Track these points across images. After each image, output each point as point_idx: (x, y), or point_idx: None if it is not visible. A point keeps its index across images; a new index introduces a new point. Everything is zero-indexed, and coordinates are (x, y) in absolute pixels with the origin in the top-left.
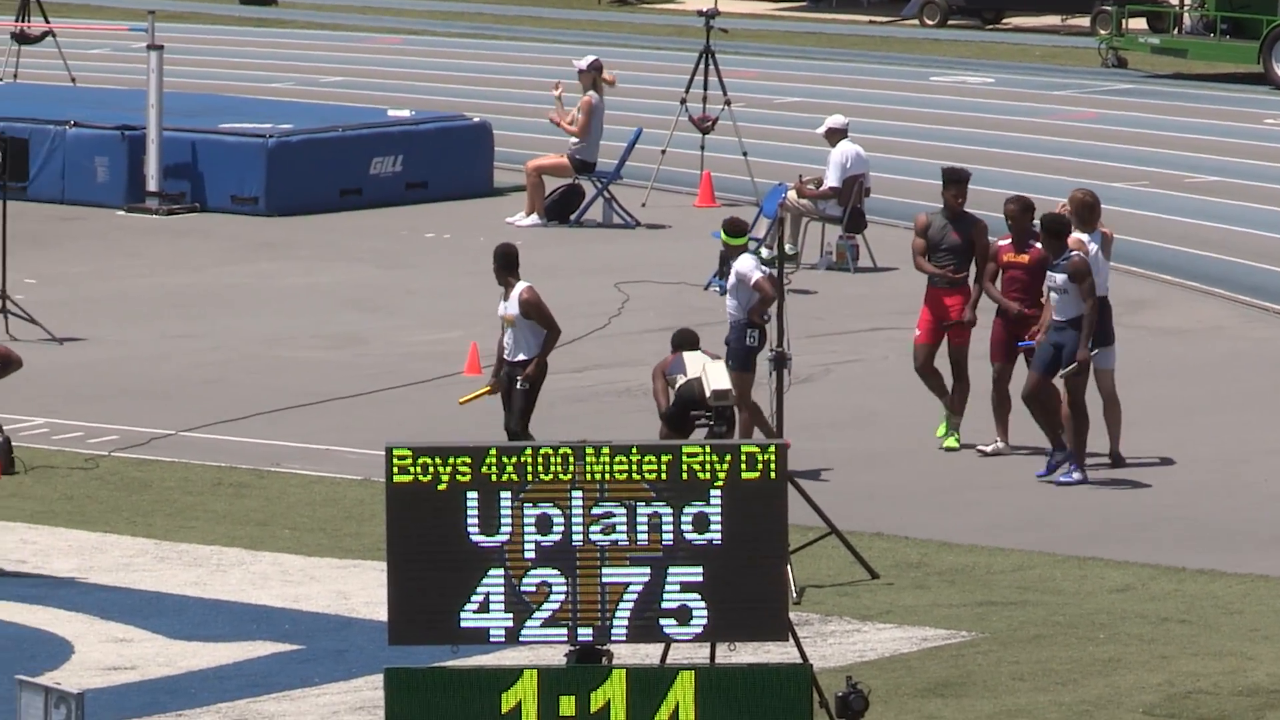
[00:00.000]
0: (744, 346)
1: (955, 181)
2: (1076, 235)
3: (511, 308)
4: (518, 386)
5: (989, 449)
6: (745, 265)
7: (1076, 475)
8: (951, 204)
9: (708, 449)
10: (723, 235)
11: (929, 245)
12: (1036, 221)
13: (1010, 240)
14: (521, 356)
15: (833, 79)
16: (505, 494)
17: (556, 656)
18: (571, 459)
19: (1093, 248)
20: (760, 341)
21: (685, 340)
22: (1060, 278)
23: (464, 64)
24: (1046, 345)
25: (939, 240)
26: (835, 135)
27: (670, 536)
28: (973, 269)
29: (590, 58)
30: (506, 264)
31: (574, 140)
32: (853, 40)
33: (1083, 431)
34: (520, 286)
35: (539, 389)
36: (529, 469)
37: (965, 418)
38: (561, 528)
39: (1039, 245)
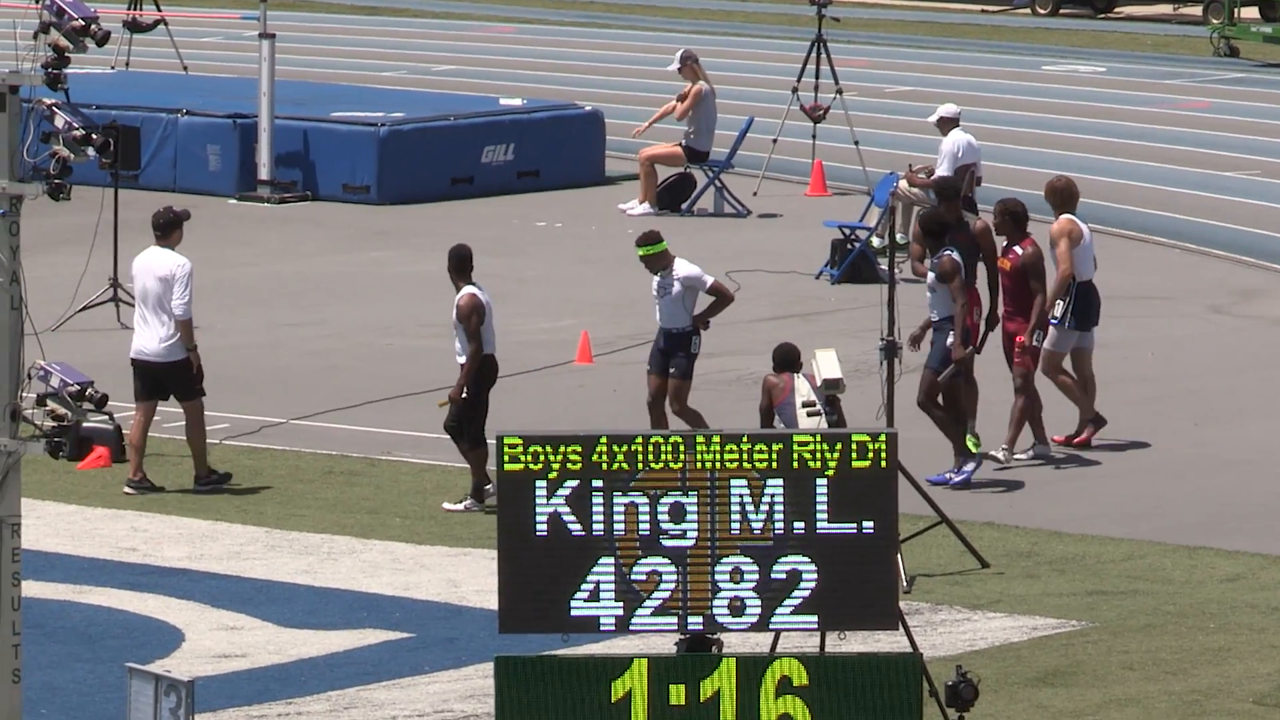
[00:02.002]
0: (692, 354)
1: (946, 197)
2: (1066, 216)
3: (454, 311)
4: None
5: (1025, 455)
6: (691, 269)
7: (970, 467)
8: (952, 213)
9: (818, 438)
10: (641, 249)
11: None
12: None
13: (1002, 246)
14: (461, 360)
15: (944, 68)
16: (616, 482)
17: (666, 645)
18: (682, 448)
19: (1085, 229)
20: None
21: (788, 360)
22: (931, 276)
23: (576, 52)
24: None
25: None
26: (947, 124)
27: (780, 525)
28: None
29: (679, 52)
30: (457, 265)
31: (687, 129)
32: (965, 29)
33: (949, 425)
34: (462, 291)
35: (478, 397)
36: (639, 458)
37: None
38: (671, 516)
39: (1018, 251)
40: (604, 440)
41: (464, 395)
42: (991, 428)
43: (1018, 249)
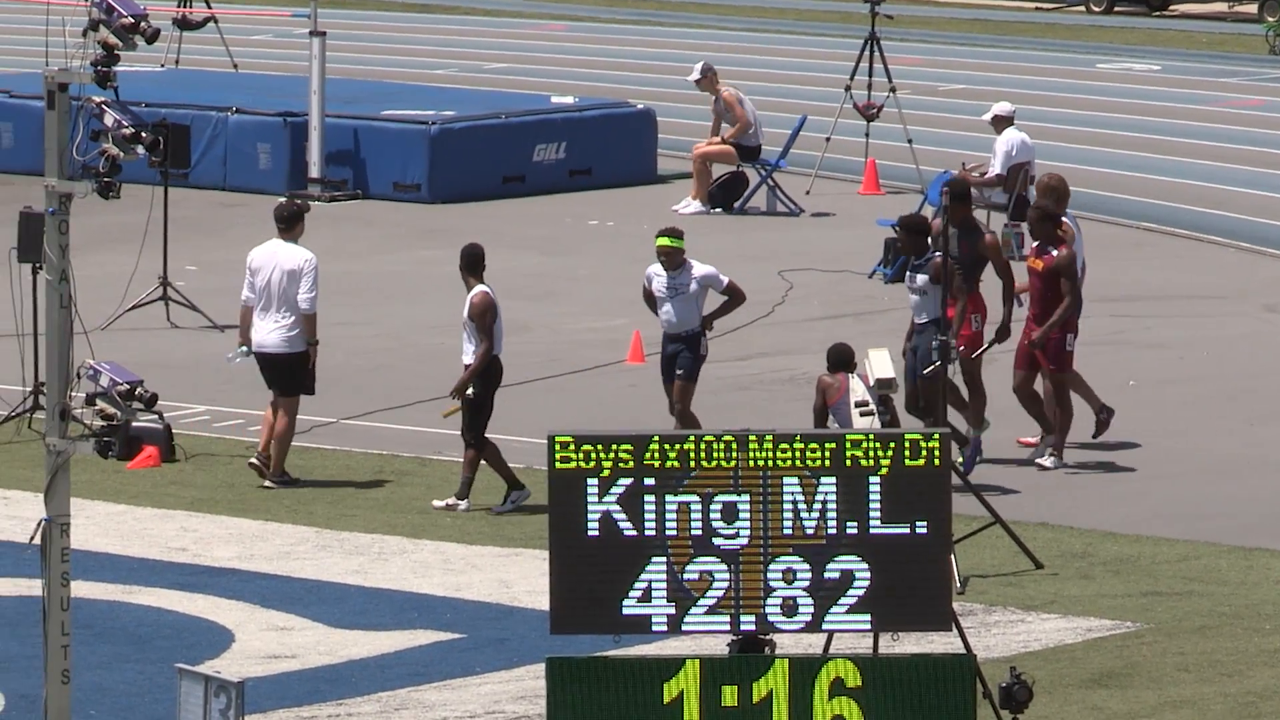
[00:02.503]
0: (700, 355)
1: (953, 197)
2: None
3: (466, 309)
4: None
5: (1049, 463)
6: (707, 269)
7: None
8: (954, 218)
9: (872, 437)
10: (668, 240)
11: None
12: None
13: (1035, 247)
14: (467, 361)
15: (998, 65)
16: (668, 482)
17: (719, 646)
18: (735, 447)
19: (1076, 228)
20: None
21: (843, 360)
22: (921, 279)
23: (628, 50)
24: (910, 352)
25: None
26: (1001, 122)
27: (833, 525)
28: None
29: (699, 64)
30: (468, 264)
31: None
32: (1018, 26)
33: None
34: (475, 290)
35: (484, 397)
36: (691, 457)
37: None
38: (724, 516)
39: (1054, 253)
40: (656, 439)
41: (470, 394)
42: (1012, 430)
43: (1054, 250)
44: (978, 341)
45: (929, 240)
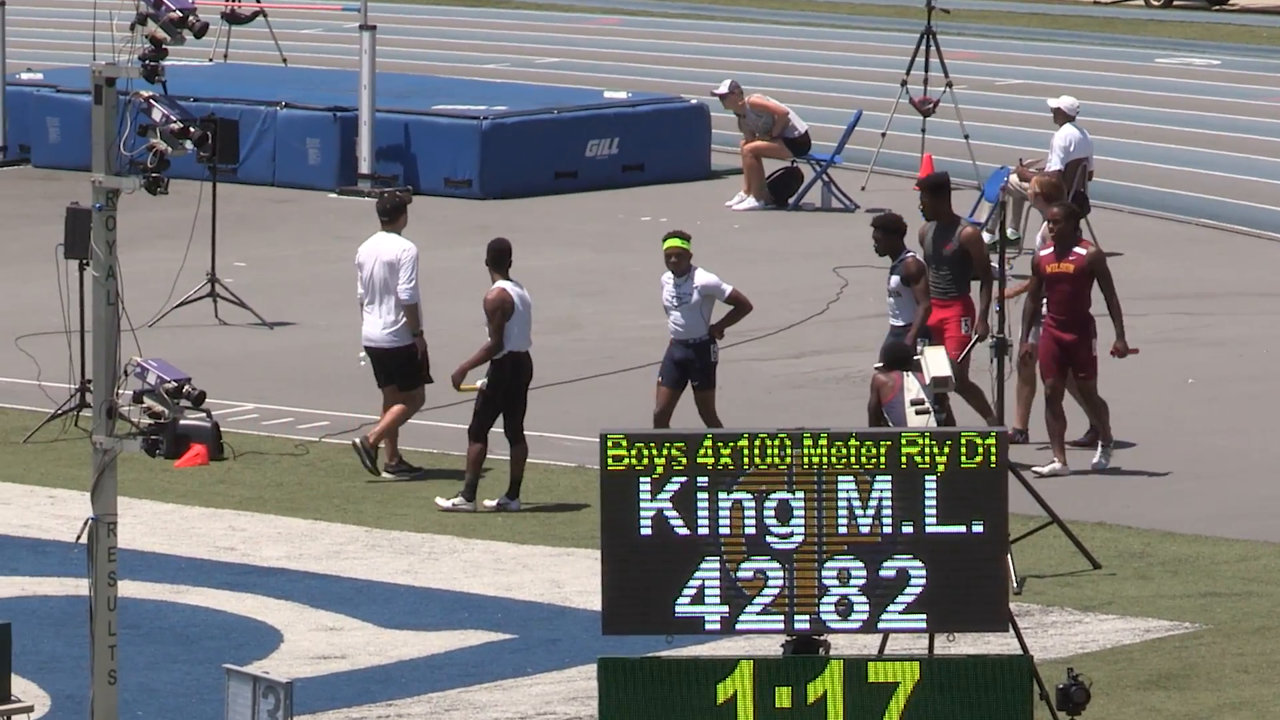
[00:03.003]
0: (712, 363)
1: (926, 189)
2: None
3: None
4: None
5: (1045, 470)
6: (709, 278)
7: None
8: (931, 213)
9: (927, 436)
10: (678, 241)
11: (926, 257)
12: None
13: (1051, 249)
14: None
15: (1055, 60)
16: (721, 481)
17: (772, 647)
18: (789, 446)
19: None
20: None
21: (899, 358)
22: (895, 280)
23: (681, 45)
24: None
25: (931, 252)
26: (1061, 117)
27: (888, 525)
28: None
29: (725, 83)
30: (493, 259)
31: (771, 128)
32: (1076, 20)
33: None
34: (494, 285)
35: (492, 394)
36: (745, 456)
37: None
38: (778, 516)
39: (1080, 252)
40: (709, 438)
41: (481, 386)
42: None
43: (1079, 250)
44: (966, 344)
45: (904, 239)
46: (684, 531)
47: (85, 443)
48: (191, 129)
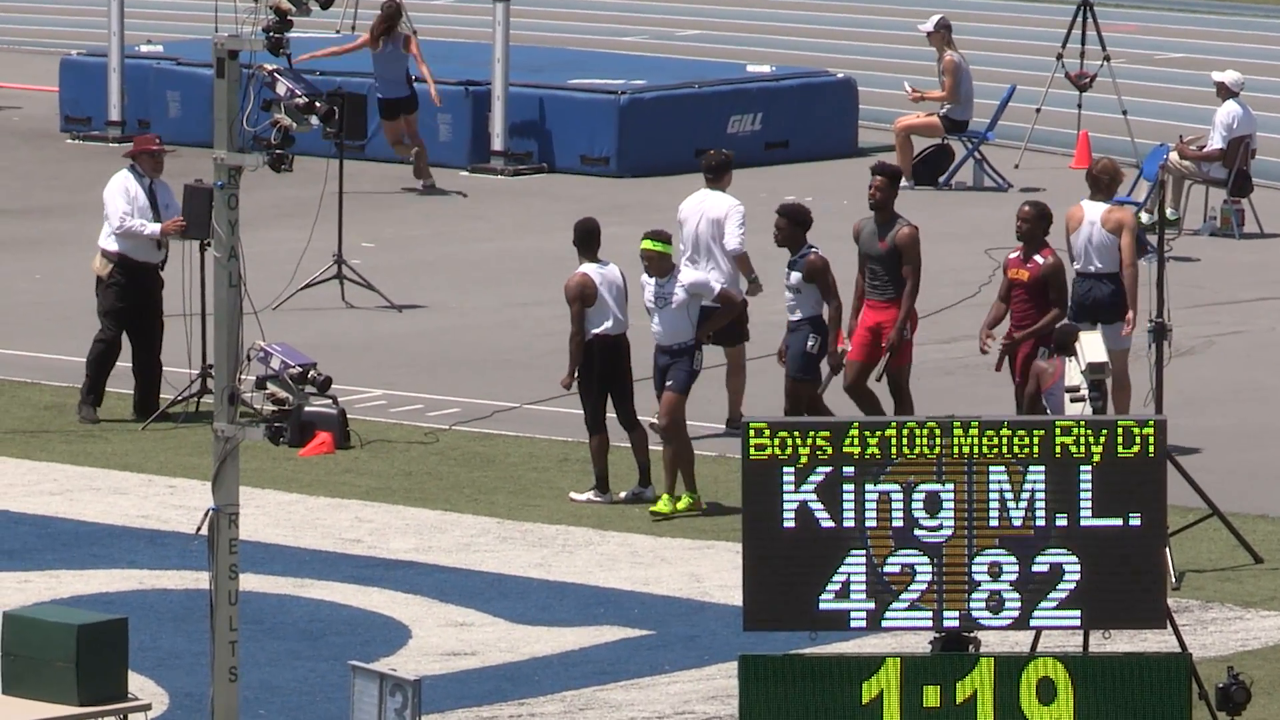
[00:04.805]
0: (692, 372)
1: (875, 174)
2: (1116, 204)
3: None
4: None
5: None
6: (697, 276)
7: None
8: (873, 202)
9: (1083, 425)
10: (651, 244)
11: (861, 254)
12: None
13: (1019, 252)
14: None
15: (1218, 33)
16: (868, 471)
17: (920, 644)
18: (939, 434)
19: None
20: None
21: (1063, 341)
22: (795, 276)
23: (827, 16)
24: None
25: (866, 248)
26: (1225, 92)
27: (1042, 517)
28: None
29: (935, 17)
30: (581, 239)
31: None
32: None
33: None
34: (578, 269)
35: (584, 385)
36: (893, 445)
37: None
38: (926, 507)
39: (1039, 260)
40: (855, 426)
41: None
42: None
43: (1039, 258)
44: (909, 350)
45: (807, 233)
46: (829, 523)
47: (206, 430)
48: (318, 104)
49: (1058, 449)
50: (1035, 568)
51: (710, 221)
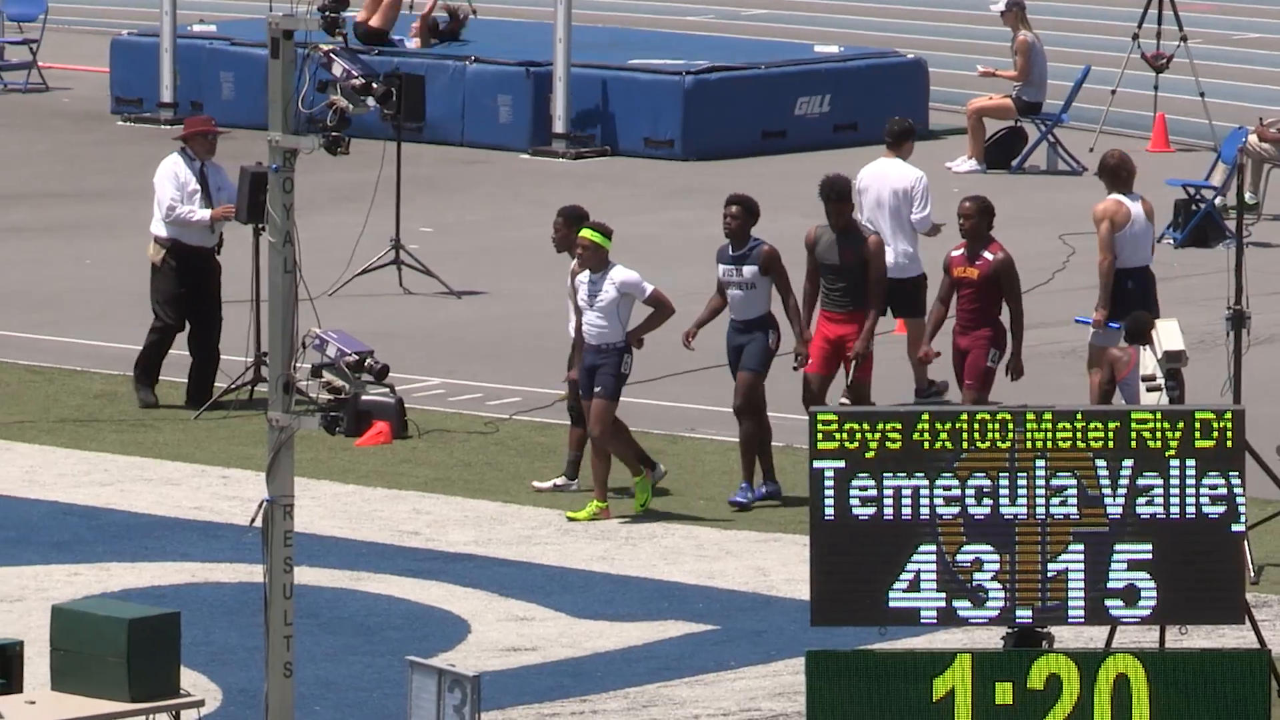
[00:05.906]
0: (620, 375)
1: (828, 199)
2: (1114, 196)
3: None
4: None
5: None
6: (629, 275)
7: (749, 495)
8: (833, 221)
9: (1159, 415)
10: (590, 233)
11: (817, 264)
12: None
13: (963, 250)
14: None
15: None
16: (938, 462)
17: (992, 640)
18: (1011, 425)
19: (1134, 208)
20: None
21: (1140, 330)
22: (749, 270)
23: None
24: (733, 351)
25: (826, 258)
26: None
27: (1117, 510)
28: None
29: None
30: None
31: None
32: None
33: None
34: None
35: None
36: (964, 436)
37: None
38: (998, 500)
39: (988, 256)
40: (926, 417)
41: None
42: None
43: (987, 254)
44: (870, 361)
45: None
46: (898, 516)
47: (260, 420)
48: (374, 85)
49: (1133, 439)
50: (1109, 562)
51: (892, 192)
